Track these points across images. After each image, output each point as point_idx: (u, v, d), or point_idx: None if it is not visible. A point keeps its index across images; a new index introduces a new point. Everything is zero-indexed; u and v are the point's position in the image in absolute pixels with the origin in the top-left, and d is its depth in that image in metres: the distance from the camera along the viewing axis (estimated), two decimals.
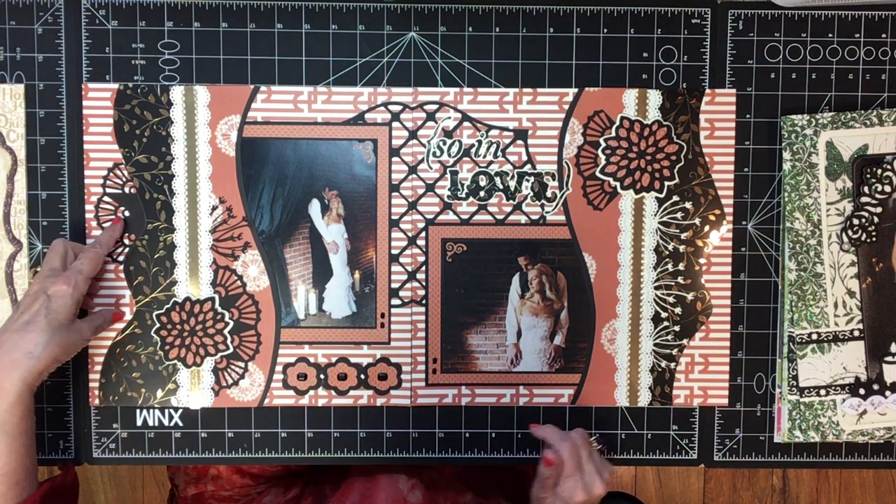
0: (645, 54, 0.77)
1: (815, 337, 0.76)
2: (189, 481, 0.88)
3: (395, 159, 0.76)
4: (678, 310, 0.78)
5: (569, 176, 0.77)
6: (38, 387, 0.67)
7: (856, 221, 0.76)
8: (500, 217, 0.77)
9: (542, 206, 0.77)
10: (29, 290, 0.69)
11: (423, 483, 0.79)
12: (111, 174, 0.76)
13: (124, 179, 0.76)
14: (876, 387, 0.77)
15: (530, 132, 0.77)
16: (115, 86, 0.75)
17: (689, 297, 0.78)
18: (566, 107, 0.77)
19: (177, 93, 0.76)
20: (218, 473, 0.87)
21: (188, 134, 0.76)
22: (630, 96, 0.77)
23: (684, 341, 0.78)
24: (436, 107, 0.76)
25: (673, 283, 0.78)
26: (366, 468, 0.82)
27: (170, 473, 0.93)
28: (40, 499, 0.67)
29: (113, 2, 0.75)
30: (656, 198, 0.77)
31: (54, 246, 0.72)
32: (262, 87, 0.76)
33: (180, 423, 0.77)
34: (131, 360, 0.77)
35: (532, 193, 0.77)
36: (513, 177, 0.77)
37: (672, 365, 0.78)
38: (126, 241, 0.76)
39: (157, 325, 0.77)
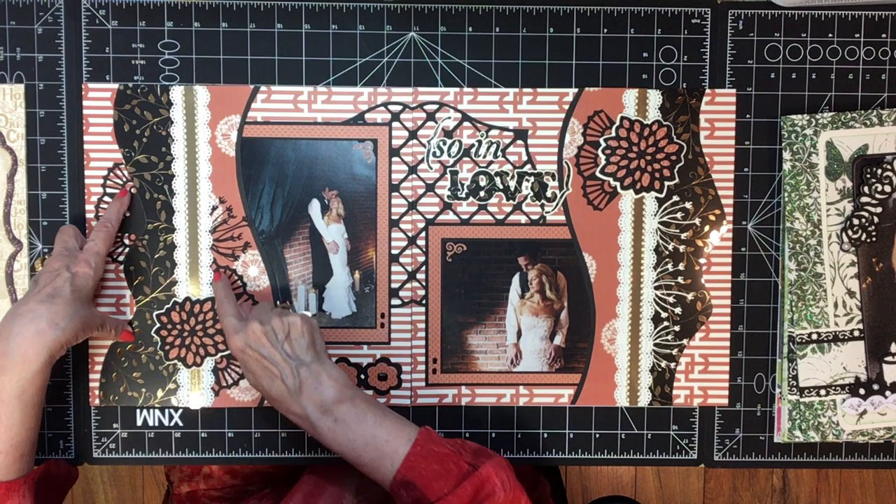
0: (645, 54, 0.77)
1: (815, 337, 0.76)
2: (183, 478, 0.88)
3: (395, 159, 0.76)
4: (678, 310, 0.78)
5: (569, 176, 0.77)
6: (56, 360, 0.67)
7: (856, 221, 0.76)
8: (500, 217, 0.77)
9: (542, 206, 0.77)
10: (47, 266, 0.69)
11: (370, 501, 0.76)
12: (111, 174, 0.76)
13: (124, 179, 0.76)
14: (876, 387, 0.77)
15: (530, 132, 0.77)
16: (115, 86, 0.75)
17: (689, 297, 0.78)
18: (566, 107, 0.77)
19: (177, 93, 0.76)
20: (210, 472, 0.87)
21: (188, 134, 0.76)
22: (630, 96, 0.77)
23: (684, 341, 0.78)
24: (436, 107, 0.76)
25: (673, 283, 0.78)
26: (323, 470, 0.79)
27: (166, 470, 0.93)
28: (40, 477, 0.67)
29: (113, 2, 0.75)
30: (656, 198, 0.77)
31: (65, 229, 0.73)
32: (262, 87, 0.76)
33: (180, 423, 0.77)
34: (131, 359, 0.77)
35: (532, 193, 0.77)
36: (513, 177, 0.77)
37: (672, 365, 0.78)
38: (126, 241, 0.76)
39: (158, 325, 0.77)
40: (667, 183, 0.77)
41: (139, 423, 0.77)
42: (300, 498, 0.74)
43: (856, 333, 0.77)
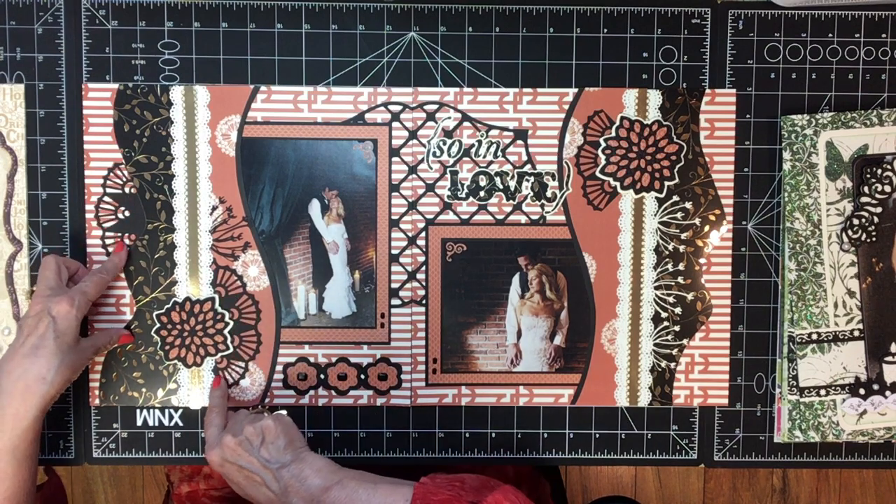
0: (645, 54, 0.77)
1: (815, 337, 0.76)
2: (183, 479, 0.88)
3: (395, 159, 0.76)
4: (678, 310, 0.78)
5: (569, 176, 0.77)
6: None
7: (856, 221, 0.76)
8: (500, 217, 0.77)
9: (542, 206, 0.77)
10: (30, 310, 0.69)
11: None
12: (111, 174, 0.76)
13: (124, 179, 0.76)
14: (876, 387, 0.77)
15: (530, 132, 0.77)
16: (115, 86, 0.75)
17: (689, 297, 0.78)
18: (566, 107, 0.77)
19: (177, 93, 0.76)
20: (210, 472, 0.87)
21: (188, 134, 0.76)
22: (630, 96, 0.77)
23: (684, 341, 0.78)
24: (436, 107, 0.76)
25: (673, 283, 0.78)
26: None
27: (166, 470, 0.93)
28: None
29: (113, 2, 0.75)
30: (656, 198, 0.77)
31: (46, 263, 0.71)
32: (262, 87, 0.76)
33: (180, 423, 0.77)
34: (132, 359, 0.77)
35: (532, 193, 0.77)
36: (513, 177, 0.77)
37: (672, 365, 0.78)
38: (126, 242, 0.76)
39: (158, 325, 0.77)
40: (667, 183, 0.77)
41: (139, 423, 0.77)
42: None
43: (856, 333, 0.77)
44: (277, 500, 0.64)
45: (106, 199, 0.76)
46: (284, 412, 0.69)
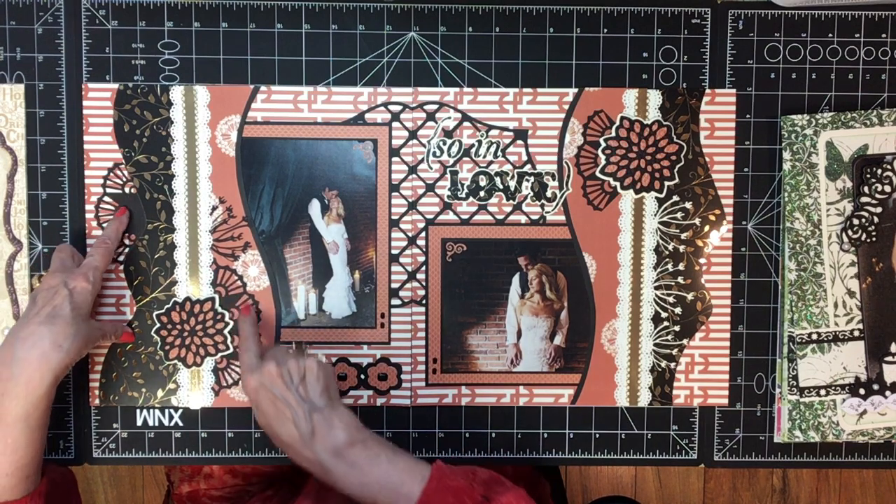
0: (645, 54, 0.77)
1: (815, 337, 0.76)
2: (183, 478, 0.88)
3: (395, 159, 0.76)
4: (678, 310, 0.78)
5: (569, 176, 0.77)
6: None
7: (856, 221, 0.76)
8: (500, 217, 0.77)
9: (542, 206, 0.77)
10: (44, 283, 0.69)
11: None
12: (111, 174, 0.76)
13: (124, 179, 0.76)
14: (876, 387, 0.77)
15: (530, 132, 0.77)
16: (115, 86, 0.75)
17: (689, 297, 0.78)
18: (566, 107, 0.77)
19: (177, 93, 0.76)
20: (210, 472, 0.87)
21: (188, 134, 0.76)
22: (630, 96, 0.77)
23: (684, 341, 0.78)
24: (436, 107, 0.76)
25: (673, 283, 0.78)
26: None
27: (166, 470, 0.93)
28: (47, 490, 0.67)
29: (113, 2, 0.75)
30: (656, 198, 0.77)
31: (63, 247, 0.73)
32: (262, 87, 0.76)
33: (180, 423, 0.77)
34: (131, 359, 0.77)
35: (532, 193, 0.77)
36: (513, 177, 0.77)
37: (672, 365, 0.78)
38: (126, 241, 0.76)
39: (158, 325, 0.77)
40: (667, 183, 0.77)
41: (139, 423, 0.77)
42: (310, 502, 0.74)
43: (856, 333, 0.77)
44: (299, 442, 0.64)
45: (106, 199, 0.76)
46: (324, 357, 0.69)
